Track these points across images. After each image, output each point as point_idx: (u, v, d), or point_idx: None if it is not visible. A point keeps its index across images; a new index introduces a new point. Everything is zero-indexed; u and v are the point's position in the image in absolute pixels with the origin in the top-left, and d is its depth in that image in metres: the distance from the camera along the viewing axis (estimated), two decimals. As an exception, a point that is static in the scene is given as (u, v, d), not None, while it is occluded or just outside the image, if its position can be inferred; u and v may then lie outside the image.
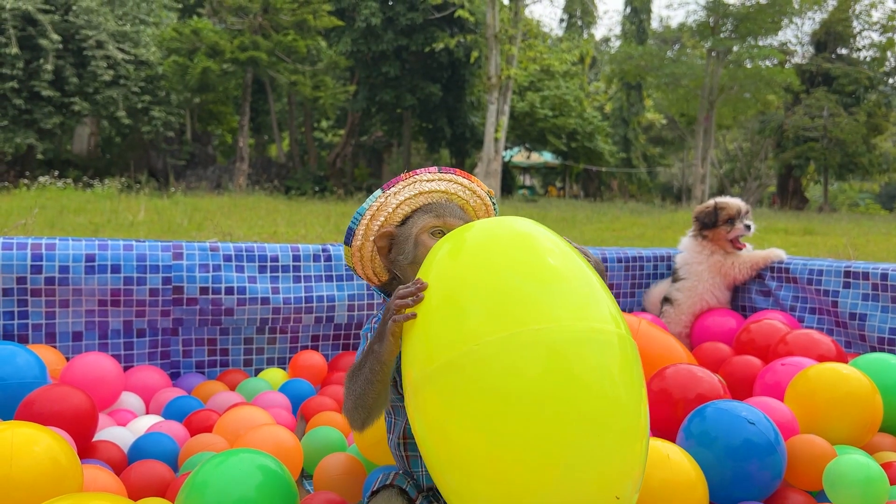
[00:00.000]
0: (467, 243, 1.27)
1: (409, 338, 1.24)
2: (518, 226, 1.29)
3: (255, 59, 20.03)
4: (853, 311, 2.85)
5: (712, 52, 25.29)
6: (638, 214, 16.15)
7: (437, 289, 1.23)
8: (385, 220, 1.53)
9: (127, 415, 2.21)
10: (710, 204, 3.19)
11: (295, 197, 19.37)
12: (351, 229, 1.54)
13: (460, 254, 1.26)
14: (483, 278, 1.19)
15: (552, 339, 1.10)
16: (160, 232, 8.14)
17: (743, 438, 1.55)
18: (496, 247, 1.24)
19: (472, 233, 1.29)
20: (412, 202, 1.53)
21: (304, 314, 2.72)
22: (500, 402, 1.08)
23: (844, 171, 26.78)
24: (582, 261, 1.26)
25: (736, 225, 3.11)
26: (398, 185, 1.54)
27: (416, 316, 1.22)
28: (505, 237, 1.26)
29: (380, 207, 1.53)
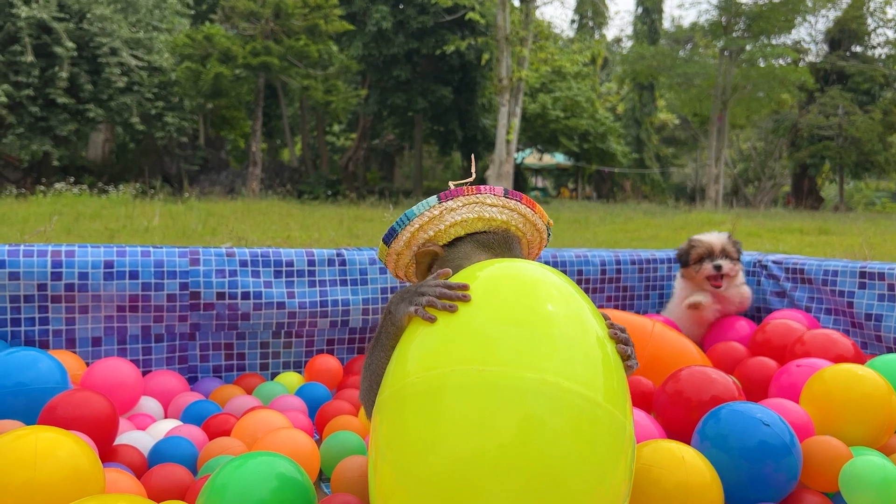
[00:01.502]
0: (477, 280, 1.23)
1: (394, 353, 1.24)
2: (526, 272, 1.23)
3: (267, 65, 20.14)
4: (869, 312, 2.84)
5: (725, 51, 25.18)
6: (651, 215, 16.10)
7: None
8: (434, 235, 1.41)
9: (146, 419, 2.23)
10: (687, 240, 3.07)
11: (307, 201, 19.45)
12: (394, 230, 1.43)
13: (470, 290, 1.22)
14: (462, 316, 1.16)
15: (485, 381, 1.05)
16: (175, 237, 8.20)
17: (758, 440, 1.55)
18: (495, 288, 1.20)
19: (484, 272, 1.25)
20: (468, 225, 1.40)
21: (320, 318, 2.74)
22: (419, 441, 1.06)
23: (860, 170, 26.59)
24: (587, 319, 1.17)
25: (704, 265, 2.95)
26: (457, 200, 1.41)
27: (435, 320, 1.17)
28: (509, 280, 1.22)
29: (431, 220, 1.41)
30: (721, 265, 2.92)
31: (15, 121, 18.92)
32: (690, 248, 3.00)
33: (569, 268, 3.17)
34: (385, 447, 1.13)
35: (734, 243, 3.01)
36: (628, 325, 2.54)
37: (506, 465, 1.00)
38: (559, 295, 1.19)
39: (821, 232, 12.12)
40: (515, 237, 1.44)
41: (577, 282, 3.19)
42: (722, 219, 14.36)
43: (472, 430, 1.03)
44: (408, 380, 1.12)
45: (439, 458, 1.03)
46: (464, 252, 1.39)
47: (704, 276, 2.95)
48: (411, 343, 1.19)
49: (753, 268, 3.33)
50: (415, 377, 1.11)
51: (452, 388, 1.06)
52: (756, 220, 14.64)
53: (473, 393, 1.04)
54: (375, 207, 16.31)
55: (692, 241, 3.03)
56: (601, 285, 3.24)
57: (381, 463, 1.14)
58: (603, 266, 3.25)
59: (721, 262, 2.93)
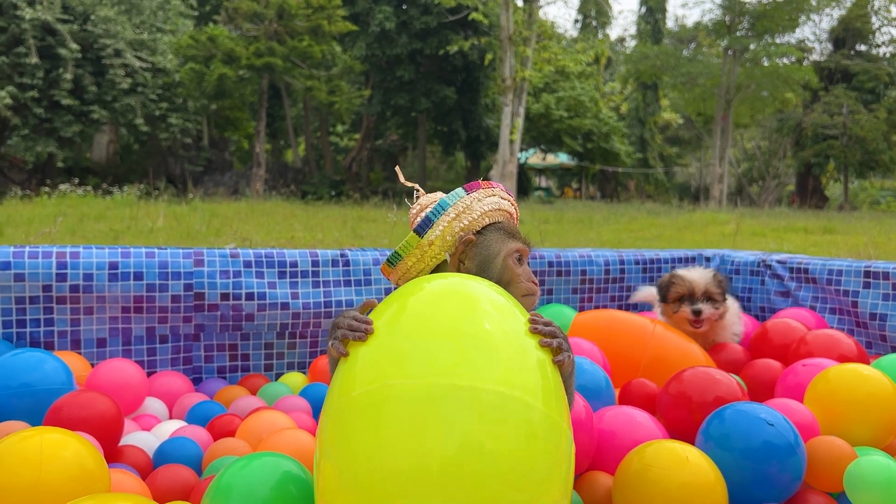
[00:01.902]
0: (421, 295, 1.30)
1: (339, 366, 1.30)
2: (466, 288, 1.30)
3: (271, 65, 20.17)
4: (874, 312, 2.83)
5: (729, 50, 25.14)
6: (655, 215, 16.08)
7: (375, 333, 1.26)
8: (468, 224, 1.49)
9: (151, 420, 2.24)
10: (668, 275, 2.80)
11: (311, 201, 19.47)
12: (430, 220, 1.48)
13: (407, 305, 1.29)
14: (402, 330, 1.23)
15: (421, 393, 1.11)
16: (179, 238, 8.22)
17: (762, 440, 1.55)
18: (436, 302, 1.27)
19: (429, 286, 1.33)
20: (492, 215, 1.52)
21: (324, 319, 2.75)
22: (361, 449, 1.11)
23: (865, 169, 26.53)
24: (521, 329, 1.25)
25: (683, 307, 2.65)
26: (479, 192, 1.52)
27: (347, 354, 1.26)
28: (451, 295, 1.28)
29: (465, 210, 1.49)
30: (700, 310, 2.62)
31: (20, 122, 18.98)
32: (670, 285, 2.71)
33: (573, 268, 3.17)
34: (329, 447, 1.18)
35: (719, 283, 2.69)
36: (629, 325, 2.54)
37: (444, 477, 1.05)
38: (494, 308, 1.25)
39: (825, 231, 12.09)
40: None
41: (581, 282, 3.19)
42: (726, 218, 14.33)
43: (410, 443, 1.07)
44: (353, 392, 1.17)
45: (379, 468, 1.08)
46: (495, 238, 1.50)
47: (682, 319, 2.66)
48: (356, 356, 1.25)
49: (758, 267, 3.33)
50: (358, 389, 1.17)
51: (391, 400, 1.11)
52: (760, 220, 14.61)
53: (411, 405, 1.10)
54: (379, 208, 16.32)
55: (673, 276, 2.74)
56: (605, 285, 3.24)
57: (324, 461, 1.19)
58: (607, 266, 3.25)
59: (701, 307, 2.62)
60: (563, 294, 3.15)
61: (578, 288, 3.19)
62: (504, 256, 1.48)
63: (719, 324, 2.73)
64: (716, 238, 10.06)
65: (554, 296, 3.14)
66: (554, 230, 10.62)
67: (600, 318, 2.62)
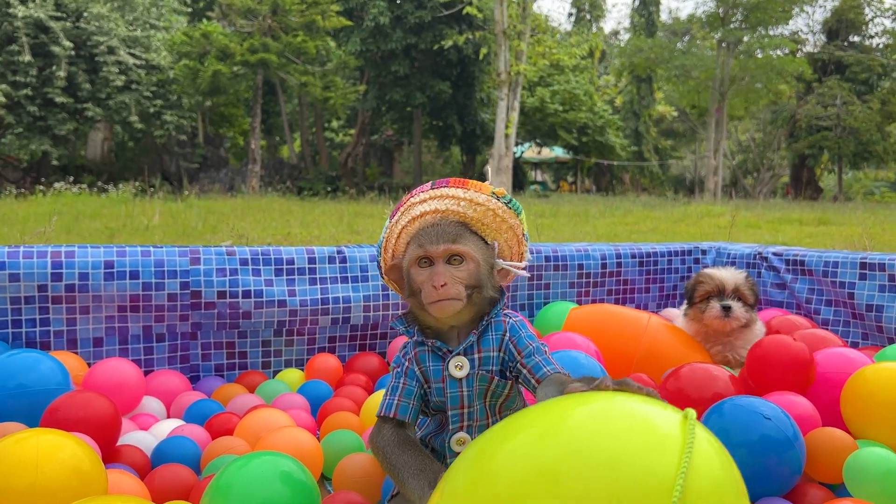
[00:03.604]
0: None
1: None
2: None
3: (265, 61, 20.12)
4: (870, 303, 2.83)
5: (723, 42, 25.15)
6: (651, 208, 16.09)
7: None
8: (392, 253, 1.49)
9: (149, 419, 2.23)
10: (696, 274, 2.64)
11: (307, 197, 19.45)
12: (378, 265, 1.53)
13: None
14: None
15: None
16: (175, 235, 8.20)
17: (761, 434, 1.55)
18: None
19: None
20: (408, 231, 1.46)
21: (321, 316, 2.74)
22: None
23: (859, 160, 26.59)
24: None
25: (711, 305, 2.47)
26: (398, 214, 1.48)
27: None
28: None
29: (387, 239, 1.49)
30: (731, 306, 2.43)
31: (13, 120, 18.92)
32: (697, 284, 2.54)
33: (569, 262, 3.17)
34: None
35: (751, 286, 2.50)
36: (623, 319, 2.55)
37: None
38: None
39: (820, 222, 12.12)
40: (455, 222, 1.43)
41: (578, 276, 3.19)
42: (721, 210, 14.35)
43: None
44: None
45: None
46: (406, 255, 1.45)
47: (711, 317, 2.46)
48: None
49: (754, 259, 3.33)
50: None
51: None
52: (755, 212, 14.64)
53: None
54: (375, 203, 16.30)
55: (701, 275, 2.55)
56: (602, 279, 3.24)
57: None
58: (603, 260, 3.25)
59: (731, 304, 2.44)
60: (561, 288, 3.15)
61: (575, 282, 3.19)
62: (408, 269, 1.43)
63: (746, 334, 2.50)
64: (711, 230, 10.08)
65: (551, 290, 3.14)
66: (550, 224, 10.62)
67: (595, 312, 2.63)
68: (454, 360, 1.45)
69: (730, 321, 2.43)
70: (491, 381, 1.47)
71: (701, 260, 3.50)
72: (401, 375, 1.48)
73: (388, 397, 1.47)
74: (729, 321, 2.43)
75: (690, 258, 3.48)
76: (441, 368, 1.46)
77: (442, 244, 1.39)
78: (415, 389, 1.46)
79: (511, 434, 0.94)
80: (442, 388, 1.45)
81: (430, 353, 1.47)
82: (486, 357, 1.46)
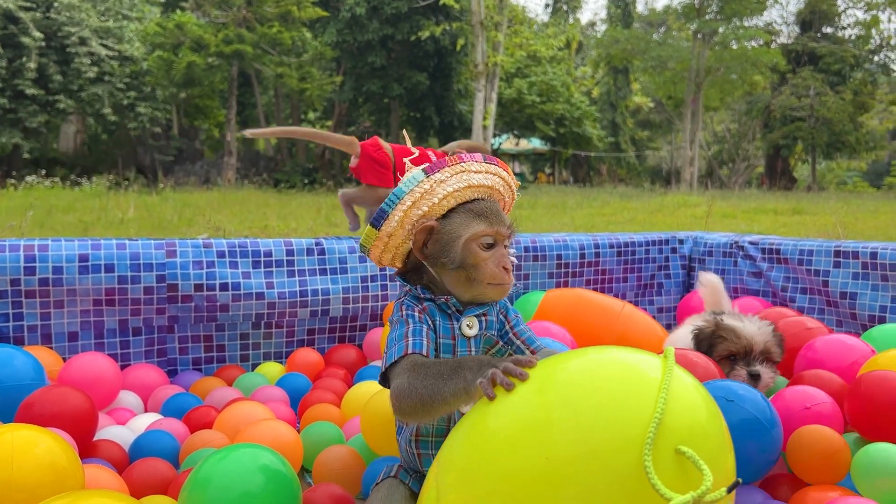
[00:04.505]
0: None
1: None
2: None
3: (240, 53, 19.93)
4: (843, 291, 2.88)
5: (698, 34, 25.32)
6: (628, 199, 16.19)
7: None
8: (428, 210, 1.37)
9: (126, 413, 2.21)
10: (711, 322, 2.10)
11: (284, 190, 19.32)
12: (384, 212, 1.38)
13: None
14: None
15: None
16: (150, 229, 8.11)
17: (739, 419, 1.55)
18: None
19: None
20: (459, 195, 1.38)
21: (300, 308, 2.73)
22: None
23: (832, 150, 26.93)
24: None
25: (736, 371, 2.00)
26: (444, 172, 1.38)
27: (495, 397, 1.05)
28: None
29: (423, 195, 1.37)
30: (759, 374, 1.97)
31: (-17, 113, 18.60)
32: (717, 339, 2.04)
33: (548, 252, 3.18)
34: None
35: (780, 341, 2.06)
36: (599, 306, 2.60)
37: None
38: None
39: (794, 212, 12.26)
40: (497, 203, 1.45)
41: (557, 266, 3.20)
42: (697, 200, 14.47)
43: None
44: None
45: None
46: (459, 222, 1.37)
47: (736, 379, 1.95)
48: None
49: (730, 249, 3.36)
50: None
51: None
52: (731, 202, 14.78)
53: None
54: (353, 195, 16.22)
55: (722, 328, 2.04)
56: (580, 269, 3.26)
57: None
58: (582, 250, 3.26)
59: (759, 371, 1.98)
60: (540, 279, 3.16)
61: (554, 272, 3.20)
62: (466, 240, 1.36)
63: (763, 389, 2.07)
64: (687, 220, 10.16)
65: (530, 280, 3.15)
66: (528, 215, 10.64)
67: (570, 296, 2.68)
68: (466, 320, 1.44)
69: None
70: (495, 344, 1.51)
71: (678, 249, 3.53)
72: (418, 322, 1.38)
73: (410, 339, 1.34)
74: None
75: (668, 248, 3.51)
76: (450, 326, 1.43)
77: (507, 227, 1.40)
78: (434, 336, 1.40)
79: (504, 395, 0.98)
80: (452, 344, 1.43)
81: (437, 309, 1.43)
82: (490, 321, 1.50)
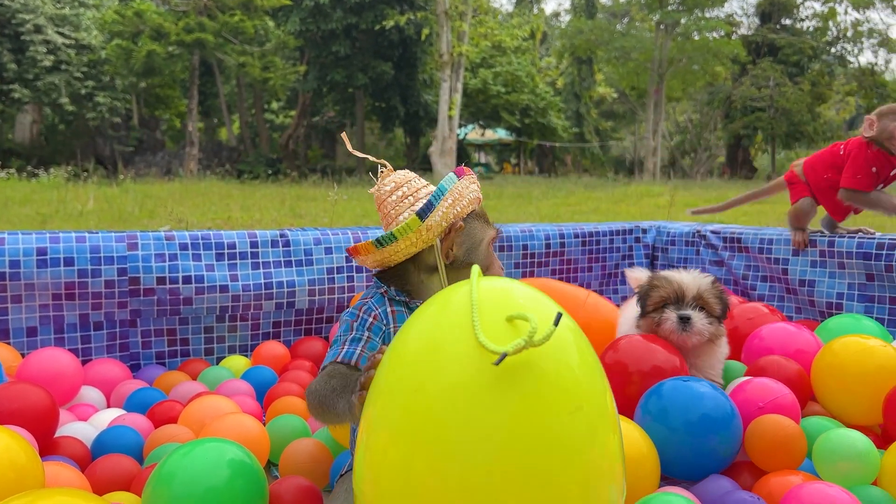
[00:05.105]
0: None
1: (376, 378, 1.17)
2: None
3: (202, 41, 19.60)
4: (802, 278, 2.94)
5: (661, 24, 25.55)
6: (592, 189, 16.33)
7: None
8: (461, 210, 1.49)
9: (88, 409, 2.17)
10: (649, 277, 2.13)
11: (248, 181, 19.10)
12: (432, 204, 1.45)
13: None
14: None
15: None
16: (111, 221, 7.96)
17: (700, 414, 1.59)
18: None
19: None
20: (474, 202, 1.54)
21: (265, 301, 2.70)
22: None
23: (791, 140, 27.41)
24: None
25: (665, 314, 1.98)
26: (466, 178, 1.52)
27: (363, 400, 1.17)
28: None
29: (459, 196, 1.49)
30: (689, 316, 1.94)
31: (-67, 103, 18.06)
32: (651, 288, 2.05)
33: (514, 243, 3.20)
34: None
35: (718, 293, 2.02)
36: (564, 294, 2.61)
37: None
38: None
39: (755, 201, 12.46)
40: None
41: (523, 256, 3.22)
42: (660, 190, 14.65)
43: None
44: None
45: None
46: (478, 226, 1.54)
47: (666, 330, 1.97)
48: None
49: (693, 238, 3.41)
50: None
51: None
52: (693, 192, 14.98)
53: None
54: (318, 186, 16.12)
55: (655, 277, 2.08)
56: (546, 259, 3.28)
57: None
58: (547, 240, 3.28)
59: (690, 313, 1.95)
60: (506, 269, 3.18)
61: (520, 262, 3.22)
62: (487, 243, 1.54)
63: (710, 351, 2.04)
64: (650, 210, 10.29)
65: (496, 271, 3.16)
66: (494, 206, 10.68)
67: (536, 286, 2.68)
68: None
69: (689, 335, 1.95)
70: None
71: (642, 239, 3.57)
72: (363, 329, 1.46)
73: (347, 346, 1.44)
74: (688, 335, 1.95)
75: (631, 237, 3.55)
76: None
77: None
78: (377, 345, 1.45)
79: (413, 323, 1.15)
80: None
81: (408, 313, 1.48)
82: None
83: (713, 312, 1.98)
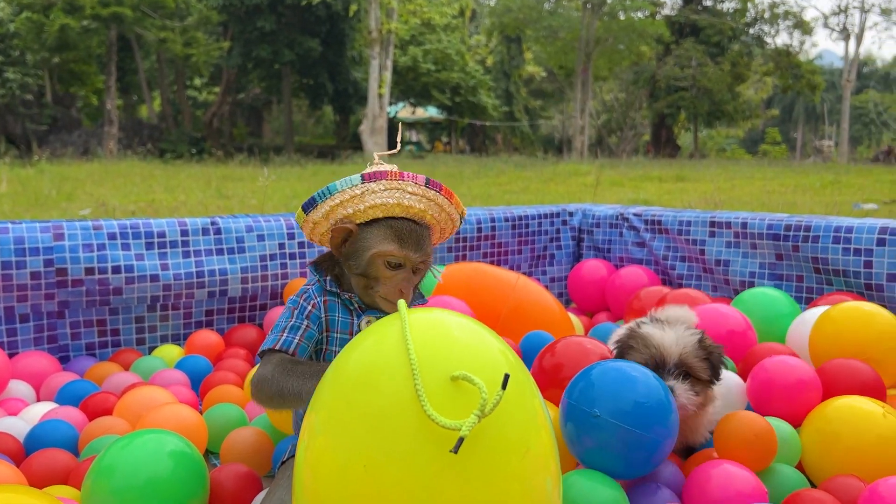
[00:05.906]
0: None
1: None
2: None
3: (119, 15, 18.88)
4: (718, 258, 3.10)
5: (587, 4, 25.87)
6: (522, 168, 16.53)
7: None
8: (353, 213, 1.42)
9: (18, 403, 2.14)
10: (627, 332, 1.83)
11: (171, 160, 18.59)
12: (314, 200, 1.43)
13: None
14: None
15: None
16: (27, 204, 7.67)
17: (633, 401, 1.52)
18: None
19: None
20: (387, 209, 1.42)
21: (196, 289, 2.69)
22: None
23: (712, 119, 28.32)
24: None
25: None
26: (380, 184, 1.41)
27: None
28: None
29: (353, 198, 1.41)
30: (673, 389, 1.66)
31: None
32: (627, 349, 1.78)
33: (445, 227, 3.26)
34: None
35: (706, 353, 1.73)
36: (495, 278, 2.71)
37: None
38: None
39: (678, 179, 12.89)
40: (428, 227, 1.48)
41: (455, 241, 3.28)
42: (587, 169, 14.95)
43: None
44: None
45: None
46: (376, 235, 1.42)
47: None
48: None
49: (616, 220, 3.54)
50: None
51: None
52: (619, 170, 15.35)
53: None
54: (245, 166, 15.82)
55: (633, 336, 1.79)
56: (477, 243, 3.35)
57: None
58: (479, 224, 3.36)
59: (674, 385, 1.67)
60: (439, 253, 3.24)
61: (453, 247, 3.28)
62: (374, 254, 1.41)
63: (699, 417, 1.78)
64: (578, 189, 10.51)
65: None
66: (425, 185, 10.67)
67: (468, 269, 2.80)
68: (365, 318, 1.49)
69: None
70: None
71: (568, 221, 3.68)
72: (302, 317, 1.47)
73: (286, 334, 1.44)
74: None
75: (559, 220, 3.66)
76: (350, 322, 1.50)
77: (419, 254, 1.43)
78: (315, 334, 1.47)
79: (357, 343, 1.18)
80: (348, 339, 1.46)
81: (340, 304, 1.50)
82: None
83: (700, 378, 1.71)
